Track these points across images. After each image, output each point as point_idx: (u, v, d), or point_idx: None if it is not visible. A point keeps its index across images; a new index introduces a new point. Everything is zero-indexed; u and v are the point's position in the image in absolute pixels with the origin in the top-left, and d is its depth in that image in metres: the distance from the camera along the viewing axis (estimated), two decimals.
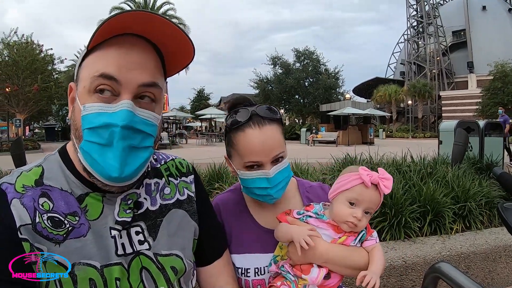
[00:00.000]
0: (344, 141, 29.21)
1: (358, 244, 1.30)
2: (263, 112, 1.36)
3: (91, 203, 0.99)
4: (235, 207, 1.53)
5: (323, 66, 49.90)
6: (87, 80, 0.93)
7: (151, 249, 1.05)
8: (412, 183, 4.01)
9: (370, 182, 1.23)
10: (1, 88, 29.49)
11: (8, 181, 0.96)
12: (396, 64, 74.11)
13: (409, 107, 58.53)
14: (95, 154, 0.90)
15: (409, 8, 66.54)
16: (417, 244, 3.23)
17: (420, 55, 63.98)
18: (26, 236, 0.89)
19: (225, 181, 4.67)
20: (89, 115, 0.90)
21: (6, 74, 28.60)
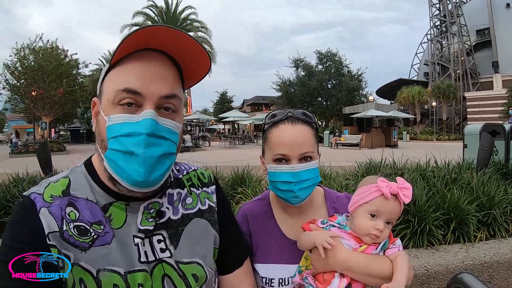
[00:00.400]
0: (368, 144, 28.90)
1: (380, 253, 1.29)
2: (298, 114, 1.46)
3: (115, 212, 1.03)
4: (262, 216, 1.56)
5: (345, 68, 49.72)
6: (111, 93, 0.99)
7: (172, 257, 1.09)
8: (436, 189, 3.96)
9: (390, 193, 1.22)
10: (27, 92, 30.17)
11: (37, 191, 1.01)
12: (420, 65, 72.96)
13: (433, 108, 57.37)
14: (120, 161, 0.94)
15: (431, 7, 65.53)
16: (440, 252, 3.18)
17: (444, 55, 62.89)
18: (54, 243, 0.94)
19: (248, 186, 4.68)
20: (113, 125, 0.96)
21: (32, 78, 29.20)
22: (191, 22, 38.57)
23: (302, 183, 1.38)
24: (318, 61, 50.04)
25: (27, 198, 1.00)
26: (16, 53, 29.99)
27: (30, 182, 5.08)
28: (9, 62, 29.79)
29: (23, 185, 4.87)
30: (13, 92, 31.41)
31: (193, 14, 38.80)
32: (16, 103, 34.31)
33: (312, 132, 1.45)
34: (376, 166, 5.16)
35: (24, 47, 30.43)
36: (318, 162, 1.44)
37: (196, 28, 38.11)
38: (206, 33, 38.91)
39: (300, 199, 1.40)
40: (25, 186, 4.74)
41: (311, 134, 1.44)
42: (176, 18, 37.98)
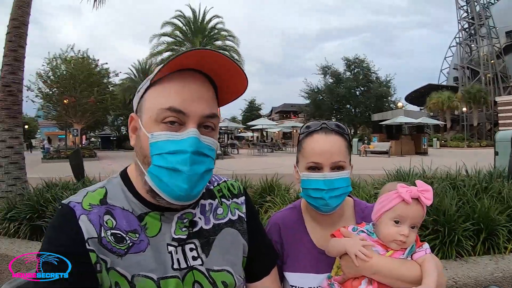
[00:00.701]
0: (397, 152, 28.50)
1: (409, 258, 1.28)
2: (331, 125, 1.50)
3: (150, 222, 1.08)
4: (293, 225, 1.58)
5: (374, 74, 49.21)
6: (153, 111, 1.02)
7: (203, 265, 1.12)
8: (466, 199, 3.86)
9: (411, 198, 1.23)
10: (59, 100, 30.97)
11: (75, 200, 1.06)
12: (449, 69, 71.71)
13: (464, 114, 55.88)
14: (164, 177, 0.98)
15: (459, 10, 64.50)
16: (469, 264, 3.12)
17: (473, 59, 61.73)
18: (93, 248, 0.98)
19: (276, 194, 4.68)
20: (158, 142, 0.99)
21: (64, 87, 29.97)
22: (218, 31, 38.88)
23: (333, 191, 1.40)
24: (346, 67, 49.81)
25: (67, 206, 1.04)
26: (48, 63, 30.91)
27: (63, 188, 5.21)
28: (42, 71, 30.66)
29: (56, 190, 5.00)
30: (45, 100, 32.25)
31: (220, 23, 39.09)
32: (49, 110, 35.25)
33: (345, 143, 1.48)
34: (405, 175, 5.08)
35: (56, 57, 31.37)
36: (349, 172, 1.47)
37: (224, 37, 38.39)
38: (234, 42, 39.17)
39: (331, 207, 1.42)
40: (58, 191, 4.86)
41: (344, 145, 1.47)
42: (203, 27, 38.35)
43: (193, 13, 38.65)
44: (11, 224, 4.41)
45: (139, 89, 1.12)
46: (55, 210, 4.26)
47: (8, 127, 5.65)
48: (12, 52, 5.79)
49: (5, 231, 4.45)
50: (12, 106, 5.71)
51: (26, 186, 5.84)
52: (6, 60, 5.77)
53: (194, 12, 38.62)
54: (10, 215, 4.49)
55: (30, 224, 4.32)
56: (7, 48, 5.81)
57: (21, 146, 5.91)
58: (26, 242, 4.21)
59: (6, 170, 5.62)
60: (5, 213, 4.58)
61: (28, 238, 4.28)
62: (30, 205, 4.51)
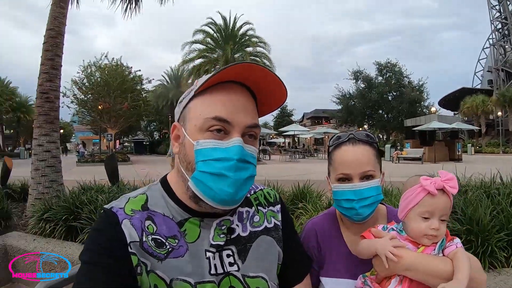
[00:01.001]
0: (430, 158, 27.77)
1: (440, 254, 1.27)
2: (359, 135, 1.51)
3: (190, 228, 1.12)
4: (329, 231, 1.60)
5: (406, 79, 48.29)
6: (198, 120, 1.07)
7: (240, 271, 1.15)
8: (501, 208, 3.73)
9: (436, 189, 1.21)
10: (94, 106, 31.65)
11: (118, 205, 1.11)
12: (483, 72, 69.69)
13: (499, 118, 53.91)
14: (209, 182, 1.04)
15: (491, 10, 62.43)
16: (502, 275, 3.02)
17: (508, 61, 59.56)
18: (135, 251, 1.03)
19: (308, 201, 4.68)
20: (203, 149, 1.05)
21: (99, 93, 30.55)
22: (249, 37, 38.91)
23: (364, 200, 1.42)
24: (378, 72, 49.06)
25: (109, 211, 1.09)
26: (83, 70, 31.62)
27: (98, 191, 5.35)
28: (77, 78, 31.36)
29: (91, 193, 5.15)
30: (80, 106, 32.91)
31: (251, 30, 39.10)
32: (84, 116, 35.87)
33: (373, 151, 1.49)
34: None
35: (90, 65, 32.09)
36: (380, 180, 1.48)
37: (254, 43, 38.41)
38: (264, 48, 39.21)
39: (362, 216, 1.43)
40: (93, 194, 5.01)
41: (372, 154, 1.48)
42: (234, 34, 38.46)
43: (224, 21, 38.91)
44: (47, 225, 4.57)
45: (181, 100, 1.17)
46: (90, 212, 4.41)
47: (45, 132, 5.87)
48: (49, 61, 6.00)
49: (41, 231, 4.61)
50: (50, 112, 5.93)
51: (62, 188, 6.05)
52: (43, 68, 5.98)
53: (224, 19, 38.89)
54: (46, 216, 4.65)
55: (66, 225, 4.46)
56: (44, 57, 6.02)
57: (57, 150, 6.13)
58: (61, 242, 4.35)
59: (43, 173, 5.82)
60: (41, 214, 4.75)
61: (63, 239, 4.42)
62: (66, 207, 4.66)
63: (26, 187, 6.76)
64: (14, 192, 6.98)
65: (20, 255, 4.22)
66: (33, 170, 5.88)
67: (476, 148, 44.20)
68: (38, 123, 5.88)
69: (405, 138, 39.44)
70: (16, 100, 49.34)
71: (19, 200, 6.77)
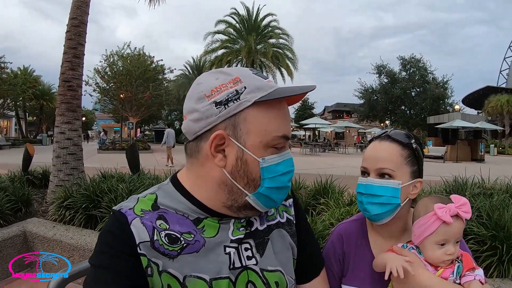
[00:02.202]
0: (452, 157, 27.27)
1: (457, 280, 1.25)
2: (393, 133, 1.46)
3: (208, 224, 1.09)
4: (357, 238, 1.55)
5: (430, 75, 47.48)
6: (266, 136, 1.03)
7: (258, 264, 1.12)
8: None
9: (450, 217, 1.21)
10: (116, 94, 32.00)
11: (127, 206, 1.08)
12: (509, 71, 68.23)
13: None
14: (274, 195, 1.08)
15: None
16: None
17: None
18: (144, 252, 1.00)
19: (330, 197, 4.64)
20: (270, 166, 1.04)
21: (121, 82, 30.77)
22: (272, 29, 38.96)
23: (372, 197, 1.38)
24: (402, 67, 48.04)
25: (119, 212, 1.06)
26: (105, 59, 31.93)
27: (118, 180, 5.39)
28: (99, 67, 31.76)
29: (112, 181, 5.19)
30: (102, 94, 33.36)
31: (274, 21, 39.15)
32: (105, 104, 36.41)
33: (401, 152, 1.41)
34: (464, 184, 4.79)
35: (113, 54, 32.38)
36: (401, 183, 1.37)
37: (277, 35, 38.42)
38: (287, 40, 39.12)
39: (370, 214, 1.39)
40: (113, 183, 5.05)
41: (398, 154, 1.40)
42: (257, 25, 38.54)
43: (247, 11, 38.94)
44: (67, 212, 4.62)
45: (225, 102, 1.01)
46: (110, 201, 4.44)
47: (67, 120, 5.92)
48: (72, 50, 6.04)
49: (60, 218, 4.66)
50: (72, 100, 5.97)
51: (83, 176, 6.10)
52: (66, 57, 6.03)
53: (248, 10, 38.91)
54: (66, 203, 4.70)
55: (86, 213, 4.50)
56: (67, 45, 6.06)
57: (79, 138, 6.17)
58: (80, 230, 4.39)
59: (64, 161, 5.88)
60: (61, 201, 4.80)
61: (82, 226, 4.46)
62: (86, 194, 4.69)
63: (47, 173, 6.85)
64: (35, 178, 7.06)
65: (39, 241, 4.29)
66: (55, 157, 5.94)
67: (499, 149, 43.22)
68: (60, 111, 5.94)
69: (427, 135, 38.65)
70: (39, 88, 50.01)
71: (40, 187, 6.87)
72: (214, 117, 1.00)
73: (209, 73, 1.09)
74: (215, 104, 1.00)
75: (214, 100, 1.01)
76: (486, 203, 3.68)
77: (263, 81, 1.04)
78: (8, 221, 4.62)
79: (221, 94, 1.01)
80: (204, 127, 1.02)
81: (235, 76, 1.03)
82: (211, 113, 1.01)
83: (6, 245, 4.12)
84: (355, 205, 4.17)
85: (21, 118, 54.08)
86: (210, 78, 1.05)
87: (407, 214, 1.45)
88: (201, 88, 1.04)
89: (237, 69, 1.06)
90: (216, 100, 1.01)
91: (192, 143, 1.08)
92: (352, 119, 62.77)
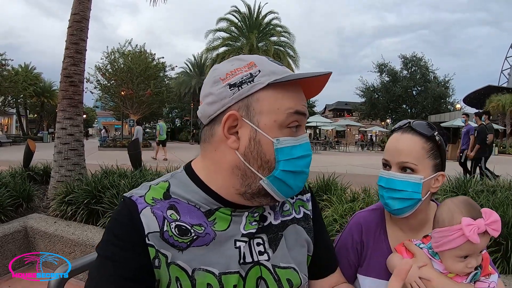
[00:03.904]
0: (454, 156, 26.93)
1: (472, 283, 1.19)
2: (415, 124, 1.41)
3: (219, 217, 1.05)
4: (375, 228, 1.51)
5: (432, 74, 47.46)
6: (279, 115, 1.00)
7: (270, 260, 1.09)
8: None
9: (478, 234, 1.10)
10: (117, 91, 31.97)
11: (138, 194, 1.04)
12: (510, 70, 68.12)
13: None
14: (290, 180, 1.02)
15: None
16: None
17: None
18: (153, 242, 0.97)
19: (333, 194, 4.64)
20: (284, 148, 1.00)
21: (122, 79, 30.80)
22: (273, 27, 38.95)
23: (393, 192, 1.35)
24: (403, 66, 48.18)
25: (129, 199, 1.03)
26: (107, 57, 31.92)
27: (120, 175, 5.39)
28: (100, 65, 31.75)
29: (113, 177, 5.19)
30: (103, 92, 33.34)
31: (275, 19, 39.14)
32: (106, 101, 36.38)
33: (423, 145, 1.36)
34: (467, 182, 4.80)
35: (114, 51, 32.36)
36: (423, 178, 1.33)
37: (279, 33, 38.42)
38: (289, 38, 39.09)
39: (391, 208, 1.37)
40: (115, 178, 5.04)
41: (420, 146, 1.36)
42: (259, 23, 38.52)
43: (248, 9, 38.94)
44: (68, 207, 4.61)
45: (235, 82, 1.01)
46: (112, 196, 4.44)
47: (69, 116, 5.90)
48: (73, 45, 6.03)
49: (62, 213, 4.66)
50: (73, 96, 5.96)
51: (84, 172, 6.10)
52: (68, 52, 6.01)
53: (249, 7, 38.91)
54: (68, 199, 4.69)
55: (87, 208, 4.49)
56: (69, 41, 6.05)
57: (81, 134, 6.16)
58: (82, 225, 4.38)
59: (65, 156, 5.87)
60: (63, 197, 4.79)
61: (84, 222, 4.45)
62: (87, 190, 4.69)
63: (48, 170, 6.84)
64: (37, 174, 7.07)
65: (40, 237, 4.28)
66: (56, 153, 5.92)
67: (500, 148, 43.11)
68: (62, 107, 5.92)
69: None
70: (40, 85, 50.13)
71: (41, 183, 6.88)
72: (228, 99, 1.00)
73: (225, 61, 1.09)
74: (229, 86, 1.00)
75: (229, 82, 1.00)
76: (489, 199, 3.67)
77: (279, 67, 1.04)
78: (9, 217, 4.60)
79: (235, 77, 1.01)
80: (219, 109, 1.01)
81: (250, 61, 1.03)
82: (225, 95, 1.00)
83: (7, 241, 4.10)
84: (358, 202, 4.18)
85: (22, 115, 54.18)
86: (226, 64, 1.06)
87: (428, 207, 1.42)
88: (217, 73, 1.04)
89: (253, 56, 1.06)
90: (230, 82, 1.00)
91: (207, 127, 1.06)
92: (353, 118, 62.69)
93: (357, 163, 17.98)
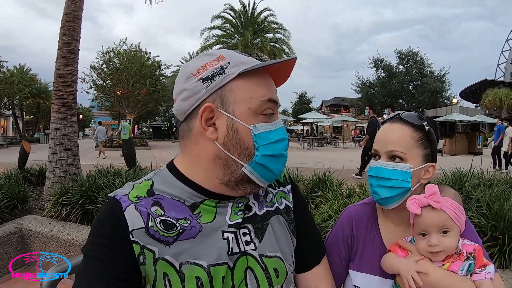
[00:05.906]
0: (450, 150, 27.14)
1: (468, 276, 1.19)
2: (404, 114, 1.41)
3: (204, 209, 1.07)
4: (367, 222, 1.51)
5: (428, 68, 47.43)
6: (252, 103, 1.04)
7: (256, 250, 1.10)
8: None
9: (421, 207, 1.20)
10: (113, 91, 31.93)
11: (122, 192, 1.06)
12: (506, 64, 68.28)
13: None
14: (270, 164, 1.06)
15: None
16: None
17: None
18: (137, 239, 0.97)
19: (328, 190, 4.65)
20: (261, 133, 1.04)
21: (117, 79, 30.80)
22: (269, 23, 38.92)
23: (381, 180, 1.34)
24: (399, 61, 47.95)
25: (113, 199, 1.04)
26: (102, 56, 31.87)
27: (114, 175, 5.40)
28: (96, 64, 31.66)
29: (107, 177, 5.18)
30: (99, 91, 33.30)
31: (271, 16, 39.12)
32: (102, 101, 36.38)
33: (413, 134, 1.36)
34: (464, 176, 4.81)
35: (109, 51, 32.29)
36: (412, 167, 1.33)
37: (274, 30, 38.42)
38: (284, 35, 39.08)
39: (380, 197, 1.35)
40: (109, 178, 5.03)
41: (409, 136, 1.35)
42: (254, 20, 38.50)
43: (243, 6, 38.92)
44: (63, 208, 4.61)
45: (207, 76, 1.04)
46: (105, 196, 4.41)
47: (63, 116, 5.89)
48: (66, 45, 6.01)
49: (57, 214, 4.66)
50: (67, 96, 5.95)
51: (79, 172, 6.08)
52: (60, 52, 6.00)
53: (244, 5, 38.89)
54: (62, 200, 4.69)
55: (82, 208, 4.48)
56: (62, 41, 6.03)
57: (75, 134, 6.15)
58: (76, 225, 4.37)
59: (60, 157, 5.86)
60: (57, 197, 4.79)
61: (79, 222, 4.45)
62: (82, 190, 4.69)
63: (44, 171, 6.84)
64: (32, 176, 7.08)
65: (35, 238, 4.26)
66: (51, 154, 5.91)
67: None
68: (55, 107, 5.91)
69: None
70: (35, 87, 50.02)
71: (37, 184, 6.87)
72: (202, 92, 1.03)
73: (195, 58, 1.13)
74: (202, 80, 1.03)
75: (201, 77, 1.04)
76: (486, 193, 3.66)
77: (247, 57, 1.08)
78: (4, 219, 4.60)
79: (207, 71, 1.04)
80: (194, 103, 1.04)
81: (219, 54, 1.07)
82: (199, 89, 1.03)
83: (2, 243, 4.09)
84: (354, 198, 4.17)
85: (18, 117, 54.07)
86: (196, 60, 1.09)
87: None
88: (188, 69, 1.07)
89: (222, 50, 1.10)
90: (202, 76, 1.04)
91: (184, 123, 1.08)
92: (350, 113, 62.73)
93: (354, 158, 17.99)
